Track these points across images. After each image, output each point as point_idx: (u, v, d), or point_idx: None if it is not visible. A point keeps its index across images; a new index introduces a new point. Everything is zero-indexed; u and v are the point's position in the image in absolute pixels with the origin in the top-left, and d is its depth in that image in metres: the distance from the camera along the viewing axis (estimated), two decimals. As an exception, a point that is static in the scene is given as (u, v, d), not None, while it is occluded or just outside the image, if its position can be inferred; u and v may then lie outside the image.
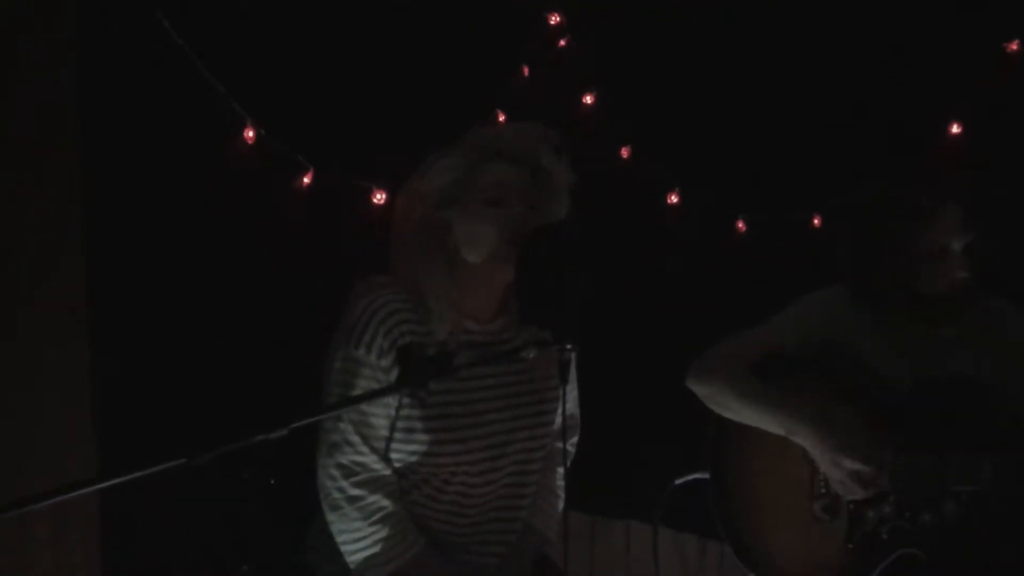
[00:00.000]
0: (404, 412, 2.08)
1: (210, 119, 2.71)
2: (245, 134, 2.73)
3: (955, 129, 3.21)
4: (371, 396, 2.04)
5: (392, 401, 2.07)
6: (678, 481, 2.56)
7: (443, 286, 2.09)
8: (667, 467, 2.77)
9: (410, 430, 2.08)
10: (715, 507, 2.44)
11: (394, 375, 2.04)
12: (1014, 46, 3.17)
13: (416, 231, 2.12)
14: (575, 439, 2.41)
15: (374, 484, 2.08)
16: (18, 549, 2.56)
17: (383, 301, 2.09)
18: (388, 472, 2.10)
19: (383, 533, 2.07)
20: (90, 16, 2.61)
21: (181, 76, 2.67)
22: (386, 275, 2.16)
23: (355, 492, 2.07)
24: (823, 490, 2.36)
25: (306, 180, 2.84)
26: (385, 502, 2.07)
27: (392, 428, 2.09)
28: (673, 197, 3.45)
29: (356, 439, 2.07)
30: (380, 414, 2.08)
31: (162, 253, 2.77)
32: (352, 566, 2.10)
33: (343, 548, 2.10)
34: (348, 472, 2.08)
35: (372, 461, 2.08)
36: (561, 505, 2.31)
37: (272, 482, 2.09)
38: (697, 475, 2.50)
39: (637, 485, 3.15)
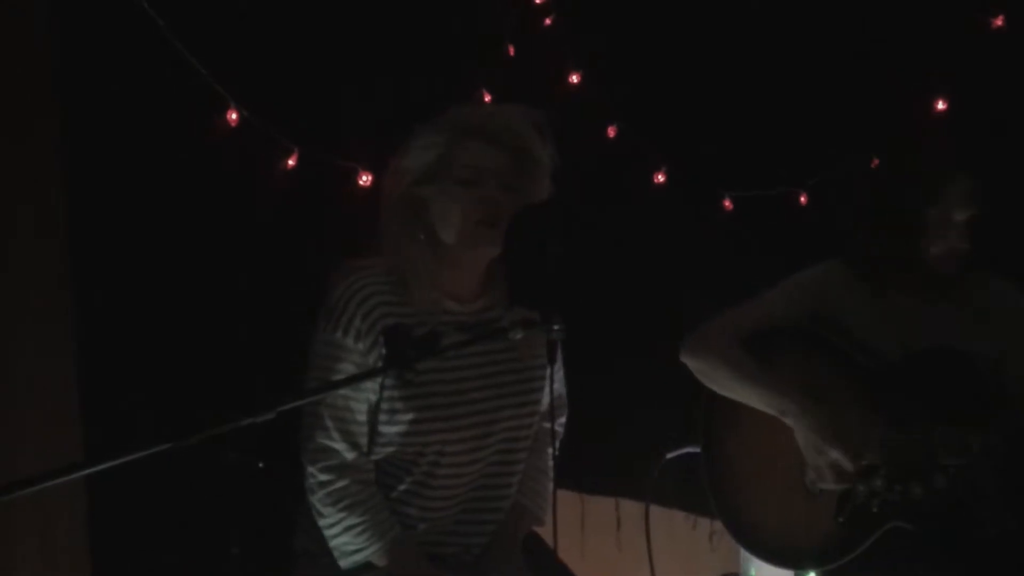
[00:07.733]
0: (387, 394, 2.07)
1: (192, 101, 2.68)
2: (228, 116, 2.70)
3: (941, 105, 3.21)
4: (359, 378, 2.03)
5: (373, 385, 2.06)
6: (670, 455, 2.56)
7: (423, 264, 2.08)
8: (657, 445, 2.77)
9: (393, 411, 2.07)
10: (706, 480, 2.44)
11: (373, 358, 2.03)
12: (999, 21, 3.16)
13: (397, 208, 2.12)
14: (563, 419, 2.41)
15: (342, 470, 2.07)
16: (4, 536, 2.55)
17: (362, 283, 2.09)
18: (361, 459, 2.09)
19: (351, 521, 2.06)
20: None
21: (162, 58, 2.64)
22: (371, 257, 2.16)
23: (323, 477, 2.07)
24: (814, 464, 2.36)
25: (291, 162, 2.82)
26: (353, 488, 2.07)
27: (377, 410, 2.08)
28: (660, 176, 3.45)
29: (329, 424, 2.07)
30: (359, 398, 2.07)
31: (147, 237, 2.74)
32: (333, 552, 2.10)
33: (323, 532, 2.10)
34: (318, 457, 2.08)
35: (344, 449, 2.07)
36: (551, 485, 2.31)
37: (261, 465, 2.08)
38: (688, 448, 2.51)
39: (627, 464, 3.15)
